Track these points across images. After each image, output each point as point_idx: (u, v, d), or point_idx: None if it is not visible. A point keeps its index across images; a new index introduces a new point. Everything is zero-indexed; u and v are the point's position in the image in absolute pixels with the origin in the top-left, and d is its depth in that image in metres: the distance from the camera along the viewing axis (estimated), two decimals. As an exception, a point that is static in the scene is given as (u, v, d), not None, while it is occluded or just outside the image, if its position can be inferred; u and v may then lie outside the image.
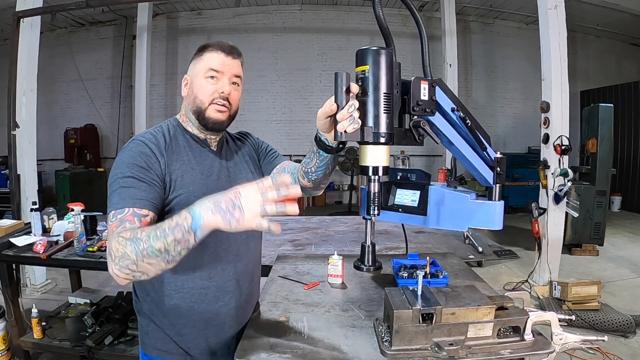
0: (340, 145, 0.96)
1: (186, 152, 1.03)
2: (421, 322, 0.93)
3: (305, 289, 1.35)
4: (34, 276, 3.63)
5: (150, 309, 1.06)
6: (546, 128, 3.81)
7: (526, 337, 0.97)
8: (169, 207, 0.96)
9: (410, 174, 1.32)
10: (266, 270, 1.49)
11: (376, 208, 0.93)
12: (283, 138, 7.95)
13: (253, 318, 1.13)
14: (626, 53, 8.75)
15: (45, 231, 2.34)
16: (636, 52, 8.78)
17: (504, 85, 8.29)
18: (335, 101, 0.83)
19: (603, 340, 1.08)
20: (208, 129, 1.05)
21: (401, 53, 1.07)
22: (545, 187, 3.82)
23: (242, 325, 1.10)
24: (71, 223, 2.18)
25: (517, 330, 0.97)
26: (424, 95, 0.89)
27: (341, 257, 1.41)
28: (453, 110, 0.96)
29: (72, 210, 2.16)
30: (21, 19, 3.56)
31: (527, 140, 7.69)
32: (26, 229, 2.39)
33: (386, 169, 0.88)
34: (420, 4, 7.45)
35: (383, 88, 0.83)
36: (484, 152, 1.06)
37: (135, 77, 6.74)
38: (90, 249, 2.05)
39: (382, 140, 0.84)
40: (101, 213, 2.32)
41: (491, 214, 1.09)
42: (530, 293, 3.48)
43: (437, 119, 0.94)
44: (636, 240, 5.44)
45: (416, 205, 1.23)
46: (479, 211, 1.10)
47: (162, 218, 0.89)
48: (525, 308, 1.04)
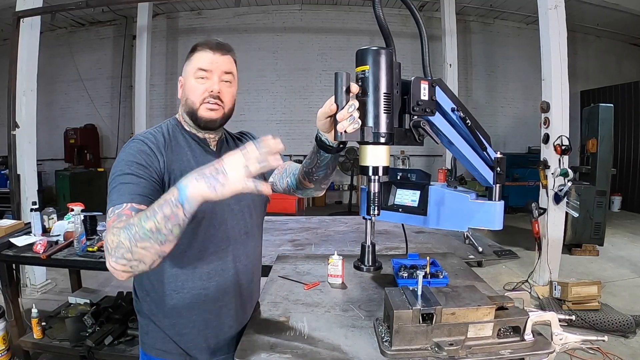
0: (340, 145, 0.96)
1: (185, 152, 1.03)
2: (421, 322, 0.93)
3: (305, 289, 1.35)
4: (34, 276, 3.64)
5: (150, 309, 1.06)
6: (546, 128, 3.81)
7: (526, 337, 0.96)
8: None
9: (410, 174, 1.32)
10: (266, 270, 1.48)
11: (376, 208, 0.92)
12: (283, 138, 7.68)
13: (253, 318, 1.13)
14: (626, 53, 8.75)
15: (45, 231, 2.34)
16: (636, 52, 8.78)
17: (504, 85, 8.29)
18: (335, 101, 0.83)
19: (603, 340, 1.08)
20: (202, 128, 1.05)
21: (401, 53, 1.07)
22: (545, 187, 3.82)
23: (242, 325, 1.10)
24: (71, 223, 2.18)
25: (517, 330, 0.97)
26: (424, 95, 0.89)
27: (341, 257, 1.41)
28: (453, 110, 0.96)
29: (72, 210, 2.16)
30: (21, 19, 3.56)
31: (527, 140, 7.69)
32: (26, 229, 2.39)
33: (386, 169, 0.88)
34: (420, 4, 7.45)
35: (383, 88, 0.83)
36: (484, 152, 1.06)
37: (135, 77, 6.74)
38: (90, 249, 2.05)
39: (382, 140, 0.84)
40: (101, 213, 2.32)
41: (491, 214, 1.08)
42: (530, 293, 3.48)
43: (437, 119, 0.94)
44: (636, 240, 5.44)
45: (416, 205, 1.23)
46: (479, 211, 1.09)
47: None
48: (525, 308, 1.03)
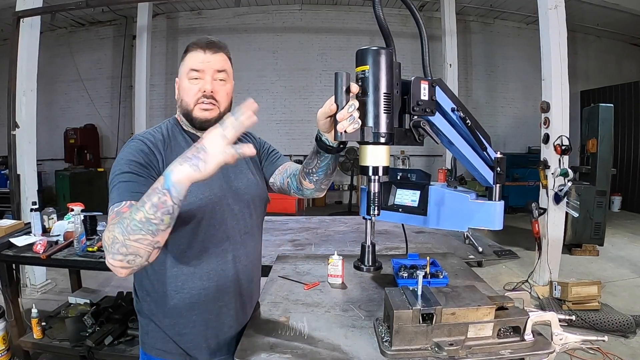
0: (340, 145, 0.96)
1: (184, 152, 1.03)
2: (421, 322, 0.93)
3: (305, 289, 1.35)
4: (34, 276, 3.64)
5: (150, 309, 1.06)
6: (546, 128, 3.81)
7: (526, 337, 0.96)
8: None
9: (410, 174, 1.32)
10: (266, 270, 1.48)
11: (376, 208, 0.92)
12: (283, 138, 7.94)
13: (253, 318, 1.13)
14: (626, 53, 8.75)
15: (45, 231, 2.34)
16: (636, 52, 8.78)
17: (504, 85, 8.29)
18: (335, 101, 0.83)
19: (603, 340, 1.08)
20: (198, 129, 1.05)
21: (401, 53, 1.07)
22: (545, 187, 3.82)
23: (242, 325, 1.10)
24: (71, 223, 2.18)
25: (517, 330, 0.97)
26: (424, 95, 0.89)
27: (341, 257, 1.41)
28: (453, 110, 0.96)
29: (72, 210, 2.16)
30: (21, 19, 3.56)
31: (527, 140, 7.69)
32: (26, 229, 2.39)
33: (386, 169, 0.88)
34: (420, 4, 7.45)
35: (383, 88, 0.83)
36: (484, 152, 1.06)
37: (135, 77, 6.74)
38: (90, 249, 2.05)
39: (382, 140, 0.84)
40: (101, 213, 2.32)
41: (491, 214, 1.08)
42: (530, 293, 3.48)
43: (437, 119, 0.94)
44: (636, 240, 5.44)
45: (416, 205, 1.23)
46: (479, 211, 1.10)
47: None
48: (525, 308, 1.03)
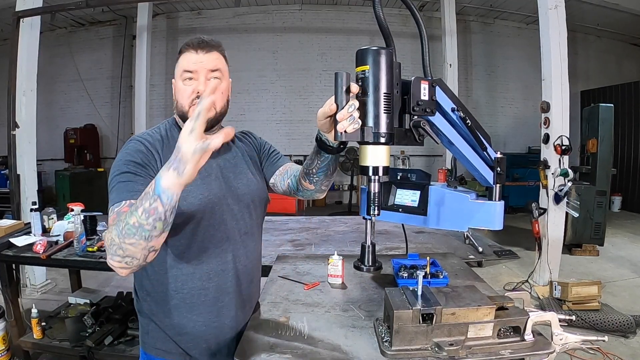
0: (341, 145, 0.96)
1: None
2: (421, 323, 0.93)
3: (305, 289, 1.35)
4: (34, 276, 3.64)
5: (150, 309, 1.06)
6: (546, 128, 3.81)
7: (526, 338, 0.96)
8: None
9: (410, 174, 1.32)
10: (266, 270, 1.48)
11: (376, 208, 0.92)
12: (283, 138, 7.94)
13: (253, 318, 1.13)
14: (626, 53, 8.75)
15: (45, 231, 2.34)
16: (636, 52, 8.78)
17: (504, 85, 8.29)
18: (335, 101, 0.83)
19: (603, 340, 1.08)
20: None
21: (401, 53, 1.07)
22: (545, 187, 3.82)
23: (242, 325, 1.10)
24: (71, 223, 2.18)
25: (518, 330, 0.97)
26: (424, 95, 0.89)
27: (341, 257, 1.40)
28: (453, 110, 0.96)
29: (72, 210, 2.16)
30: (21, 19, 3.56)
31: (527, 140, 7.69)
32: (26, 229, 2.39)
33: (386, 169, 0.88)
34: (420, 4, 7.45)
35: (383, 88, 0.83)
36: (484, 152, 1.05)
37: (135, 77, 6.74)
38: (90, 249, 2.05)
39: (382, 140, 0.84)
40: (101, 213, 2.32)
41: (491, 214, 1.08)
42: (530, 293, 3.48)
43: (437, 119, 0.94)
44: (636, 240, 5.44)
45: (416, 205, 1.23)
46: (479, 211, 1.09)
47: None
48: (525, 308, 1.03)
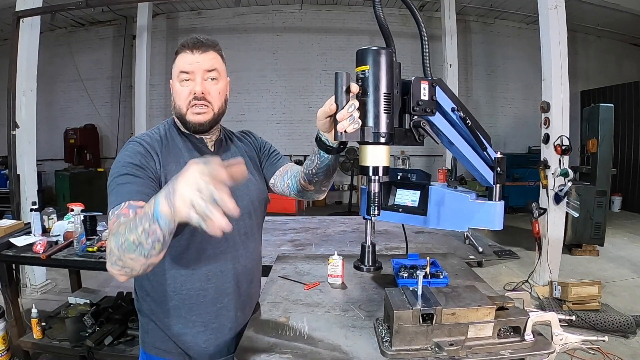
0: (341, 145, 0.96)
1: (182, 153, 1.02)
2: (421, 323, 0.93)
3: (305, 289, 1.35)
4: (34, 276, 3.64)
5: (150, 309, 1.06)
6: (546, 128, 3.81)
7: (526, 338, 0.96)
8: None
9: (410, 174, 1.31)
10: (266, 270, 1.48)
11: (376, 208, 0.92)
12: (283, 138, 7.94)
13: (253, 318, 1.13)
14: (627, 53, 8.75)
15: (45, 231, 2.34)
16: (636, 52, 8.78)
17: (504, 85, 8.29)
18: (335, 101, 0.83)
19: (603, 340, 1.08)
20: (193, 132, 1.04)
21: (401, 53, 1.07)
22: (545, 187, 3.82)
23: (242, 326, 1.10)
24: (71, 223, 2.18)
25: (518, 330, 0.97)
26: (424, 95, 0.89)
27: (341, 257, 1.40)
28: (453, 110, 0.96)
29: (72, 210, 2.16)
30: (21, 19, 3.56)
31: (527, 140, 7.69)
32: (26, 229, 2.39)
33: (386, 169, 0.88)
34: (420, 4, 7.45)
35: (383, 88, 0.83)
36: (484, 152, 1.05)
37: (135, 77, 6.74)
38: (90, 249, 2.05)
39: (382, 140, 0.84)
40: (101, 213, 2.32)
41: (491, 214, 1.08)
42: (530, 293, 3.48)
43: (437, 119, 0.94)
44: (636, 240, 5.44)
45: (416, 205, 1.23)
46: (479, 211, 1.09)
47: None
48: (525, 308, 1.03)
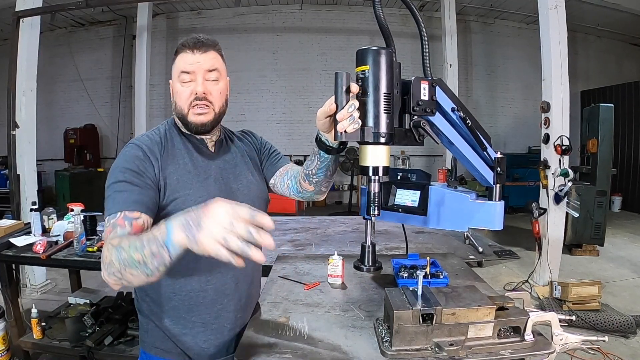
0: (340, 145, 0.96)
1: (182, 155, 1.02)
2: (421, 323, 0.93)
3: (305, 289, 1.35)
4: (34, 276, 3.63)
5: (149, 309, 1.06)
6: (546, 128, 3.81)
7: (526, 338, 0.96)
8: (166, 211, 0.94)
9: (410, 174, 1.32)
10: (266, 270, 1.48)
11: (376, 208, 0.92)
12: (283, 138, 7.94)
13: (253, 318, 1.13)
14: (627, 53, 8.75)
15: (45, 231, 2.34)
16: (637, 52, 8.78)
17: (504, 85, 8.29)
18: (335, 101, 0.83)
19: (603, 340, 1.08)
20: (194, 133, 1.04)
21: (401, 53, 1.06)
22: (545, 187, 3.82)
23: (242, 326, 1.10)
24: (71, 223, 2.18)
25: (518, 330, 0.97)
26: (424, 95, 0.89)
27: (341, 258, 1.40)
28: (453, 110, 0.96)
29: (72, 210, 2.16)
30: (21, 19, 3.56)
31: (528, 140, 7.69)
32: (26, 229, 2.39)
33: (386, 169, 0.88)
34: (420, 4, 7.45)
35: (383, 88, 0.83)
36: (484, 152, 1.05)
37: (135, 77, 6.75)
38: (89, 249, 2.05)
39: (382, 140, 0.84)
40: (101, 213, 2.31)
41: (491, 214, 1.08)
42: (530, 293, 3.48)
43: (438, 119, 0.94)
44: (636, 240, 5.43)
45: (416, 205, 1.23)
46: (479, 211, 1.09)
47: (159, 221, 0.88)
48: (525, 308, 1.03)
